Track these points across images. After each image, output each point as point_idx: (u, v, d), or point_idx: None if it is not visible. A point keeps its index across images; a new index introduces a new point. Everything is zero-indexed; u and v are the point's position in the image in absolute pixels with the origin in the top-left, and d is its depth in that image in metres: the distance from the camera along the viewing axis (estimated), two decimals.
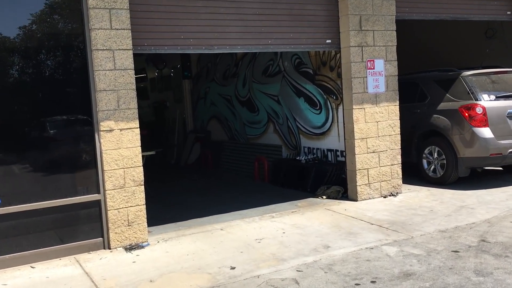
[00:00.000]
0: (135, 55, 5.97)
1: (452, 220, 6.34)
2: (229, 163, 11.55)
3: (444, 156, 8.26)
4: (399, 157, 7.96)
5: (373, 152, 7.68)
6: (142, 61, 15.98)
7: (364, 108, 7.58)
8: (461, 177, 8.21)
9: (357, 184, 7.55)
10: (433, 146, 8.47)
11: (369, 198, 7.65)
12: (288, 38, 7.20)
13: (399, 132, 7.93)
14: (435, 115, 8.41)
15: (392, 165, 7.87)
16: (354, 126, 7.50)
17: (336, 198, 7.84)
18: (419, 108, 8.77)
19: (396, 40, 7.77)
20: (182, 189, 9.67)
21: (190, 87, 13.60)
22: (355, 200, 7.58)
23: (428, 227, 6.10)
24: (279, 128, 9.88)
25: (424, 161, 8.67)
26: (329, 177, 8.19)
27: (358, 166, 7.55)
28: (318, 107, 8.69)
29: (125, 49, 5.82)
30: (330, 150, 8.50)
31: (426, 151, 8.60)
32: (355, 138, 7.51)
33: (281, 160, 9.53)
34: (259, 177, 10.05)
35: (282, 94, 9.69)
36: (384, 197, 7.75)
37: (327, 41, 7.58)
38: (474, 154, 7.89)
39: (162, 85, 15.39)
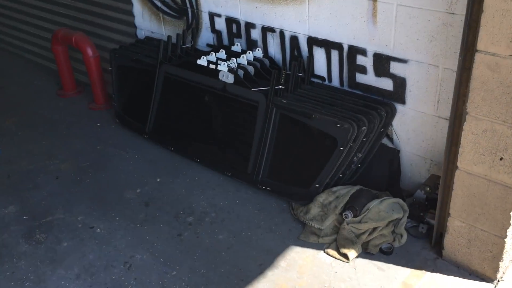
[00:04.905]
0: None
1: None
2: None
3: None
4: None
5: None
6: None
7: None
8: None
9: None
10: None
11: None
12: None
13: None
14: None
15: None
16: None
17: (387, 252, 2.09)
18: None
19: None
20: None
21: None
22: (490, 278, 1.91)
23: None
24: None
25: None
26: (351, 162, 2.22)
27: None
28: None
29: None
30: (335, 46, 2.34)
31: None
32: None
33: (141, 47, 3.05)
34: (76, 90, 3.60)
35: None
36: None
37: None
38: None
39: None
